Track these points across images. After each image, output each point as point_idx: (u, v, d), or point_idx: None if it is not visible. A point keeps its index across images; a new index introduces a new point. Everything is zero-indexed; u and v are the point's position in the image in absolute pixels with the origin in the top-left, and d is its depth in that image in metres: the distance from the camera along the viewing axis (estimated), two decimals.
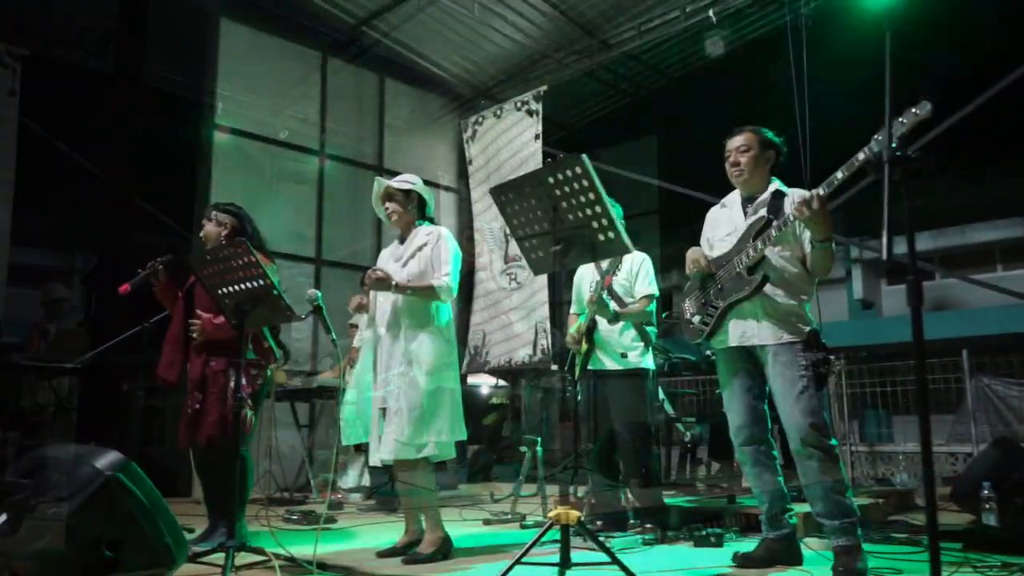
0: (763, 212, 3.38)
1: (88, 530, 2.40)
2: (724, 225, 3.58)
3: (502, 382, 11.13)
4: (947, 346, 8.49)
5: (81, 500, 2.40)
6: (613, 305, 4.27)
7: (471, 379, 9.54)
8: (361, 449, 6.24)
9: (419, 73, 9.73)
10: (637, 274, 4.40)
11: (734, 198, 3.60)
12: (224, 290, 3.44)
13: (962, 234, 16.18)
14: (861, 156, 2.78)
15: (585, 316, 4.45)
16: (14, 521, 2.43)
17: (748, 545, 3.64)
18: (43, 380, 6.11)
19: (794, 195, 3.36)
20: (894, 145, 2.13)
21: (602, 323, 4.38)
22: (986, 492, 3.85)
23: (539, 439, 5.39)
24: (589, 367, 4.44)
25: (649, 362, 4.40)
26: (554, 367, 8.59)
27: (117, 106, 6.70)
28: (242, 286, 3.37)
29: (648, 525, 4.23)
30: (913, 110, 2.43)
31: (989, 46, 7.09)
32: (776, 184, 3.48)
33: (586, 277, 4.57)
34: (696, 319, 3.54)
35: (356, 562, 3.61)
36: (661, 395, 5.72)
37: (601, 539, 2.95)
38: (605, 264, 4.40)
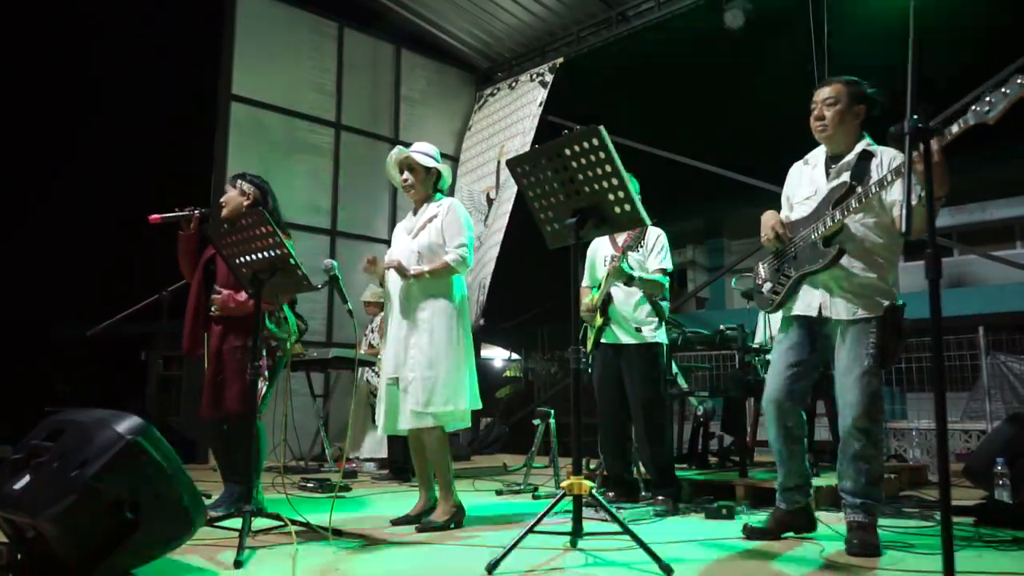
0: (846, 177, 3.17)
1: (109, 493, 2.44)
2: (806, 186, 3.38)
3: (515, 355, 11.16)
4: (964, 323, 8.44)
5: (102, 463, 2.43)
6: (632, 264, 4.24)
7: (484, 352, 9.57)
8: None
9: (436, 45, 9.69)
10: (652, 248, 4.39)
11: (818, 155, 3.40)
12: (241, 259, 3.46)
13: (982, 211, 16.02)
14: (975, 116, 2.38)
15: (598, 290, 4.45)
16: (36, 483, 2.48)
17: (759, 517, 3.66)
18: None
19: (883, 156, 3.16)
20: (915, 118, 2.09)
21: (617, 297, 4.38)
22: (999, 468, 3.84)
23: (552, 411, 5.43)
24: (603, 341, 4.45)
25: (663, 336, 4.41)
26: (481, 322, 8.63)
27: None
28: (259, 255, 3.39)
29: (659, 497, 4.27)
30: (1019, 80, 2.22)
31: (1012, 20, 6.96)
32: (866, 142, 3.24)
33: (600, 250, 4.56)
34: (767, 287, 3.40)
35: (370, 529, 3.67)
36: (675, 369, 5.73)
37: (612, 510, 2.97)
38: (623, 239, 4.39)
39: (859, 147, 3.24)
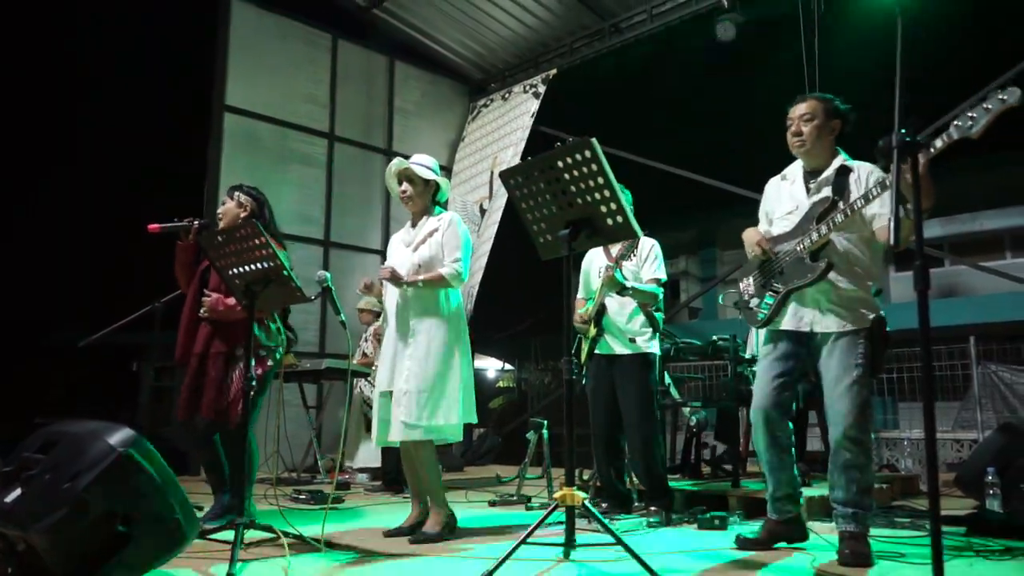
0: (827, 192, 3.22)
1: (101, 505, 2.43)
2: (786, 201, 3.41)
3: (508, 366, 11.11)
4: (954, 333, 8.47)
5: (94, 476, 2.43)
6: (626, 275, 4.25)
7: (477, 363, 9.53)
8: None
9: (430, 56, 9.72)
10: (646, 259, 4.41)
11: (796, 171, 3.44)
12: (235, 271, 3.46)
13: (972, 221, 16.12)
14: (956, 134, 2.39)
15: (593, 301, 4.46)
16: (27, 496, 2.47)
17: (752, 528, 3.66)
18: None
19: (860, 170, 3.20)
20: (903, 132, 2.11)
21: (611, 308, 4.39)
22: (990, 478, 3.86)
23: (545, 422, 5.42)
24: (597, 351, 4.46)
25: (657, 347, 4.42)
26: None
27: None
28: (253, 267, 3.39)
29: (652, 508, 4.27)
30: (1000, 96, 2.26)
31: (1002, 30, 7.03)
32: (841, 157, 3.30)
33: (595, 262, 4.57)
34: (754, 302, 3.43)
35: (363, 541, 3.65)
36: (667, 380, 5.74)
37: (606, 521, 2.97)
38: (618, 249, 4.40)
39: (836, 162, 3.29)
